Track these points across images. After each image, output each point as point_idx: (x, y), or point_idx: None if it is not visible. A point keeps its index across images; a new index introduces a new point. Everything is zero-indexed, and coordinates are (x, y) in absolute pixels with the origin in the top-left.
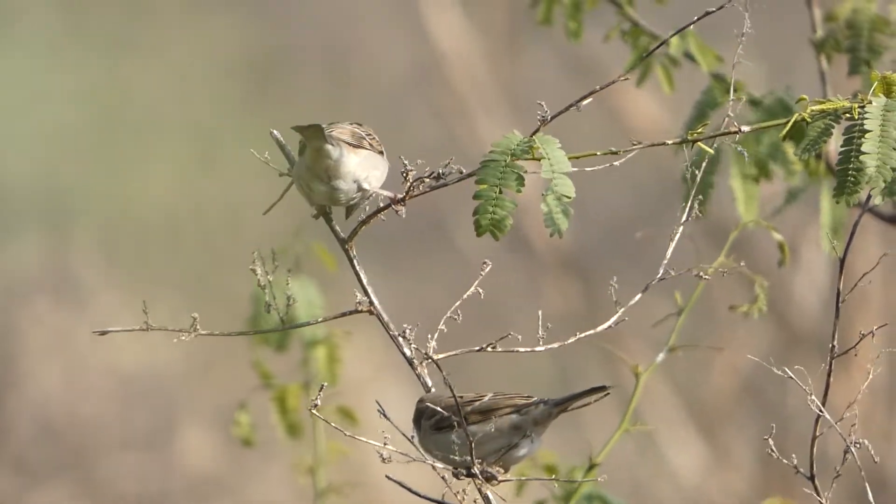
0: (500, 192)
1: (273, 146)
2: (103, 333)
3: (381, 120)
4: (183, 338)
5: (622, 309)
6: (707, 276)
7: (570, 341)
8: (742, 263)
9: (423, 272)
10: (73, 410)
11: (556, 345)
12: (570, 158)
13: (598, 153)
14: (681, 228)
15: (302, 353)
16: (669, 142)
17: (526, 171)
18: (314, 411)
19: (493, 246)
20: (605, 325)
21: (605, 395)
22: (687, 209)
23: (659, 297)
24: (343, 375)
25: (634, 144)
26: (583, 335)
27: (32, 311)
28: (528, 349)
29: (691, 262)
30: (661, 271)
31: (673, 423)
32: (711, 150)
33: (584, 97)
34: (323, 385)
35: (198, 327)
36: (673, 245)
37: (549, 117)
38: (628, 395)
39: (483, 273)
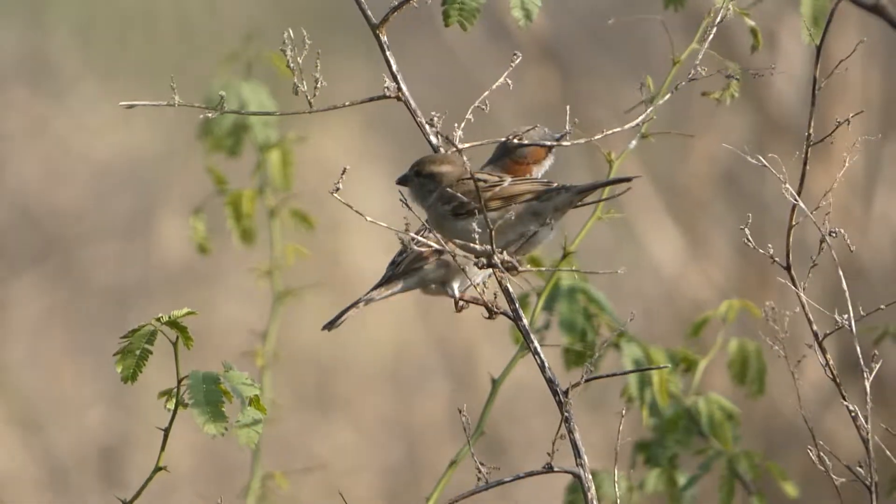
0: None
1: None
2: (130, 107)
3: None
4: (211, 115)
5: (650, 108)
6: (679, 62)
7: (597, 138)
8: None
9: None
10: (51, 199)
11: (582, 140)
12: None
13: None
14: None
15: (256, 158)
16: None
17: None
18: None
19: (474, 37)
20: (634, 123)
21: (629, 188)
22: None
23: (636, 86)
24: (327, 170)
25: None
26: (606, 134)
27: (10, 99)
28: (554, 143)
29: (667, 51)
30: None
31: (651, 214)
32: None
33: None
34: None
35: (224, 106)
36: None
37: None
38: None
39: (513, 65)
